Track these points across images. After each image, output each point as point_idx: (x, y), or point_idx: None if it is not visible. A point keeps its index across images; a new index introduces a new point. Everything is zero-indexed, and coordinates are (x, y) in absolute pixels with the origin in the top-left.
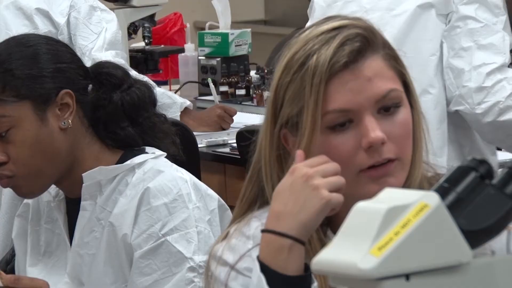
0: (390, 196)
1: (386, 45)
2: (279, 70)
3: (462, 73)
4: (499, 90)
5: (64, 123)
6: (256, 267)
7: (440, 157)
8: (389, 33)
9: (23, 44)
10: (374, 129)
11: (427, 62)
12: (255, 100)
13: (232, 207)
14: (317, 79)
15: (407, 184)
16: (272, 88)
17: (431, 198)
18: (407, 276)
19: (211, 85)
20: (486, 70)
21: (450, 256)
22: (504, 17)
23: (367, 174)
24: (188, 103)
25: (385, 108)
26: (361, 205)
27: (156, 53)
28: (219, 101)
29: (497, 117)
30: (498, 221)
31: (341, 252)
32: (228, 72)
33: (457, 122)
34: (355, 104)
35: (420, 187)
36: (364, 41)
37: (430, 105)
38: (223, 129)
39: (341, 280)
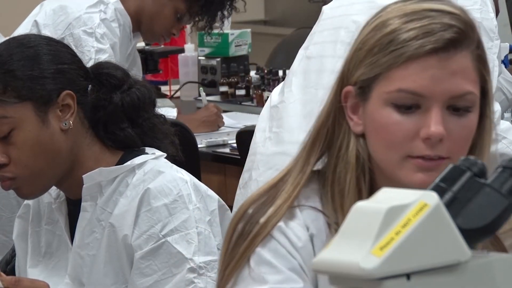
0: (389, 196)
1: (479, 45)
2: (367, 29)
3: None
4: None
5: (65, 124)
6: None
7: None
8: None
9: (24, 45)
10: (437, 123)
11: None
12: (255, 101)
13: (232, 207)
14: (402, 54)
15: None
16: (355, 44)
17: (430, 197)
18: (408, 276)
19: (202, 94)
20: None
21: (449, 255)
22: (499, 42)
23: (415, 162)
24: (174, 114)
25: (455, 107)
26: (361, 205)
27: (156, 53)
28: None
29: None
30: (494, 219)
31: (342, 252)
32: (228, 72)
33: None
34: (430, 92)
35: None
36: (461, 34)
37: None
38: (219, 127)
39: (341, 280)
